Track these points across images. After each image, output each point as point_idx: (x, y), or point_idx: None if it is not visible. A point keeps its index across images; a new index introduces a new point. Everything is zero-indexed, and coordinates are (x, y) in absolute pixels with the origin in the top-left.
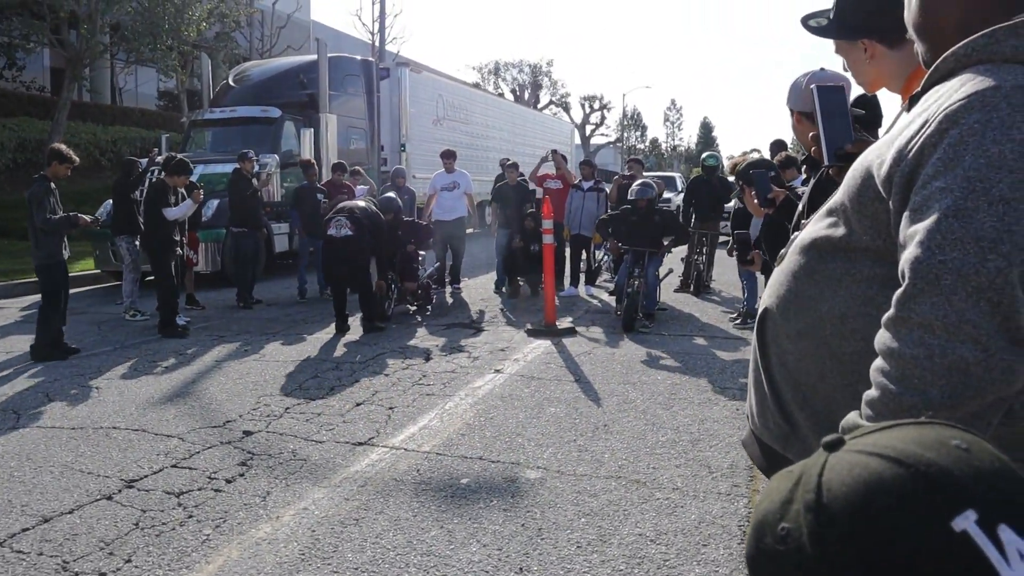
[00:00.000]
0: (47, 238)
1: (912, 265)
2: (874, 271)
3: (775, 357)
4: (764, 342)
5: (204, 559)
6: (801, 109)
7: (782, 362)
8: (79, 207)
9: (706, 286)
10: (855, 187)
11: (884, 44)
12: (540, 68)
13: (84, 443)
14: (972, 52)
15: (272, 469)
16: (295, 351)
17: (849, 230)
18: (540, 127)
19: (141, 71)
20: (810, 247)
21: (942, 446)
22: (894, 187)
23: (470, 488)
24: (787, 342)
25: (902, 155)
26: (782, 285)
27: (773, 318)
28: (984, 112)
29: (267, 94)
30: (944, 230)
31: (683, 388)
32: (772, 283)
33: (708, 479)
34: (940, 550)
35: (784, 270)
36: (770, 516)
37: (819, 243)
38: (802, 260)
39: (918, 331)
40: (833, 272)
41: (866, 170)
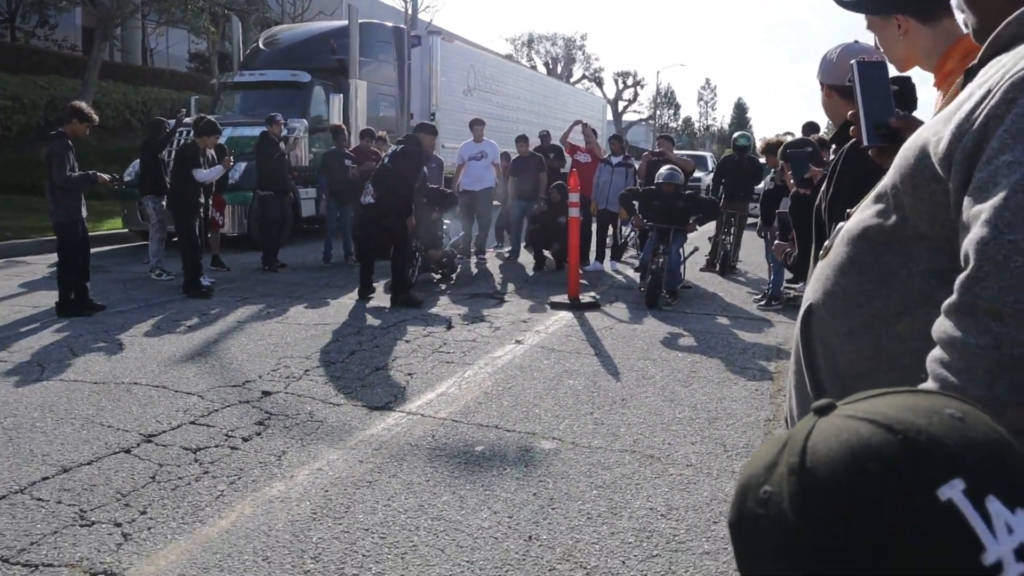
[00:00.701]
0: (66, 196)
1: (977, 246)
2: (933, 263)
3: (822, 358)
4: (809, 341)
5: (217, 514)
6: (832, 83)
7: (830, 363)
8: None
9: (732, 266)
10: (908, 168)
11: (918, 19)
12: (574, 42)
13: (105, 397)
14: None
15: (288, 429)
16: (317, 315)
17: (902, 217)
18: (572, 101)
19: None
20: (859, 237)
21: (935, 414)
22: (954, 165)
23: (484, 456)
24: (836, 341)
25: (963, 129)
26: (828, 279)
27: (819, 315)
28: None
29: (297, 58)
30: (1014, 207)
31: (703, 366)
32: (817, 277)
33: (723, 457)
34: (924, 519)
35: (830, 263)
36: (753, 479)
37: (869, 233)
38: (851, 252)
39: (984, 318)
40: (887, 265)
41: (920, 149)
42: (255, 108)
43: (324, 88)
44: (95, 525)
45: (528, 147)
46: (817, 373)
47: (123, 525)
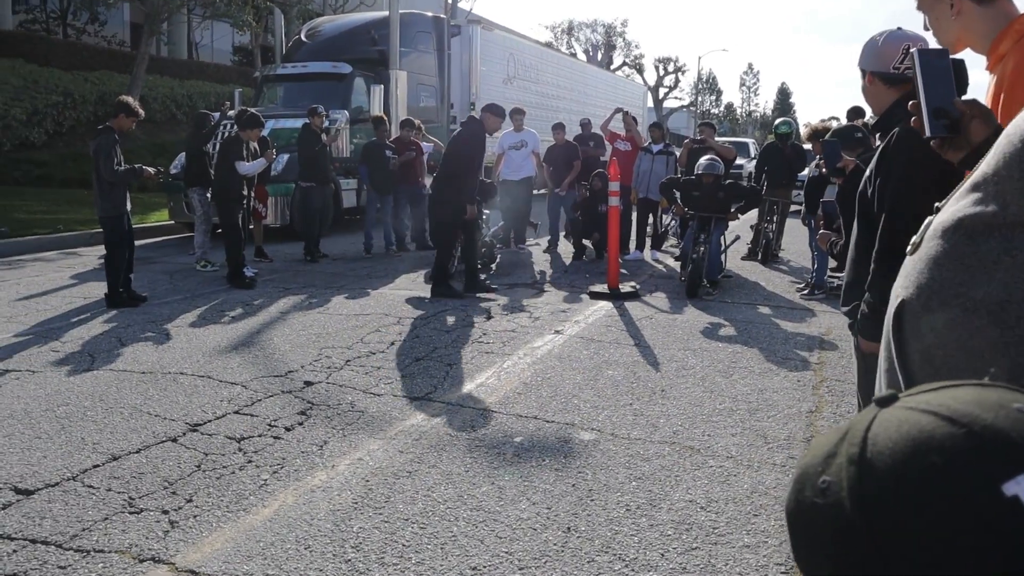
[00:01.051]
0: (112, 189)
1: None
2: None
3: (917, 354)
4: (902, 339)
5: (261, 503)
6: (875, 69)
7: (927, 359)
8: (155, 160)
9: (774, 255)
10: (1014, 153)
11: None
12: (614, 28)
13: (153, 387)
14: None
15: (330, 419)
16: (358, 305)
17: (1003, 204)
18: (612, 88)
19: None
20: (954, 229)
21: (1001, 408)
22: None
23: (523, 446)
24: (932, 336)
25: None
26: (921, 273)
27: (912, 310)
28: None
29: (338, 50)
30: None
31: (744, 357)
32: (907, 272)
33: (764, 449)
34: (987, 514)
35: (922, 257)
36: (812, 469)
37: (967, 223)
38: (946, 244)
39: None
40: (987, 253)
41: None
42: (297, 100)
43: (365, 79)
44: (143, 512)
45: (564, 135)
46: (911, 371)
47: (170, 512)
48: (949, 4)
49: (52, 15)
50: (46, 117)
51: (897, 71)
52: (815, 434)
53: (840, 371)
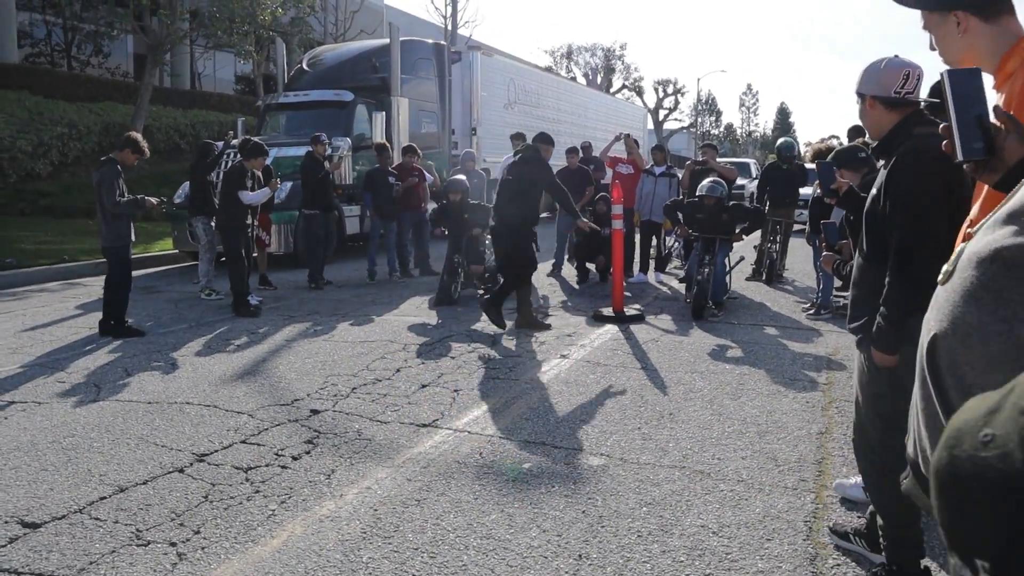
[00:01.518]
0: (116, 220)
1: None
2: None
3: (954, 391)
4: (939, 375)
5: (269, 533)
6: (876, 94)
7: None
8: (159, 189)
9: (779, 275)
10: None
11: (980, 16)
12: (613, 51)
13: (159, 417)
14: None
15: (337, 448)
16: (363, 332)
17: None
18: (612, 111)
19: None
20: (991, 260)
21: None
22: None
23: (532, 473)
24: (972, 373)
25: None
26: (956, 307)
27: (949, 346)
28: None
29: (340, 78)
30: None
31: (751, 378)
32: (939, 304)
33: (775, 472)
34: None
35: (956, 289)
36: (969, 425)
37: (1004, 254)
38: (982, 276)
39: None
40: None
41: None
42: (300, 128)
43: (367, 106)
44: (151, 545)
45: (577, 159)
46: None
47: (178, 545)
48: (956, 22)
49: (56, 48)
50: (51, 148)
51: (898, 96)
52: (826, 456)
53: (849, 391)
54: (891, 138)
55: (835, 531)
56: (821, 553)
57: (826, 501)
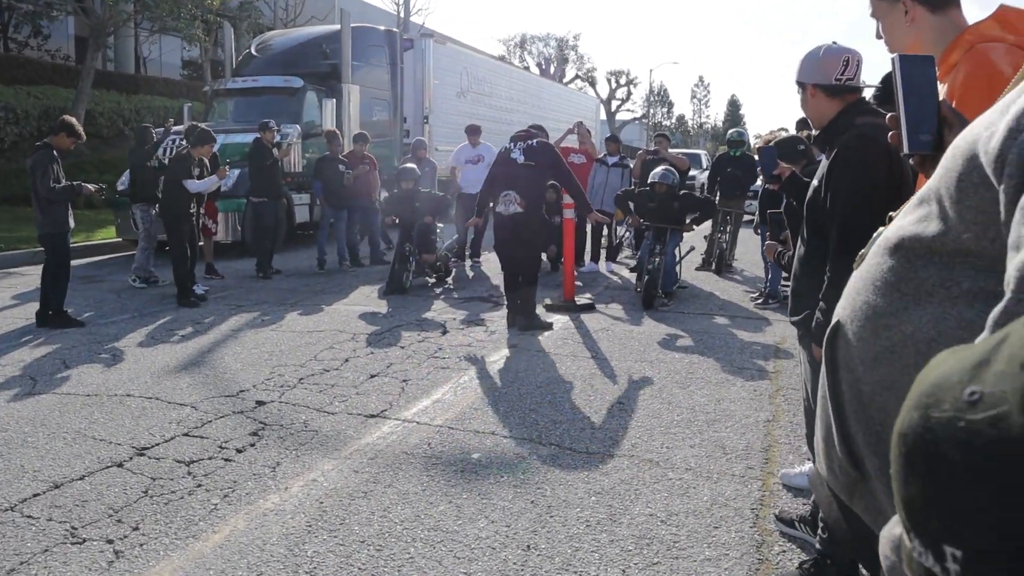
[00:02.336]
0: (52, 207)
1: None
2: (977, 284)
3: (847, 385)
4: (835, 365)
5: (211, 528)
6: (816, 81)
7: (854, 393)
8: (102, 176)
9: (728, 265)
10: (955, 169)
11: (926, 7)
12: (567, 42)
13: (98, 410)
14: None
15: (283, 440)
16: (312, 322)
17: (945, 227)
18: (565, 102)
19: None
20: (895, 248)
21: None
22: (1008, 167)
23: (481, 463)
24: (862, 368)
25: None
26: (859, 294)
27: (846, 336)
28: None
29: (290, 64)
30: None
31: (700, 367)
32: (848, 290)
33: (722, 460)
34: None
35: (863, 276)
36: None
37: (907, 243)
38: (885, 264)
39: None
40: (924, 282)
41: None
42: (248, 114)
43: (317, 93)
44: (86, 543)
45: None
46: (841, 401)
47: (115, 542)
48: (904, 11)
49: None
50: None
51: (839, 82)
52: (773, 444)
53: (796, 379)
54: (833, 127)
55: (781, 518)
56: (767, 540)
57: (773, 488)
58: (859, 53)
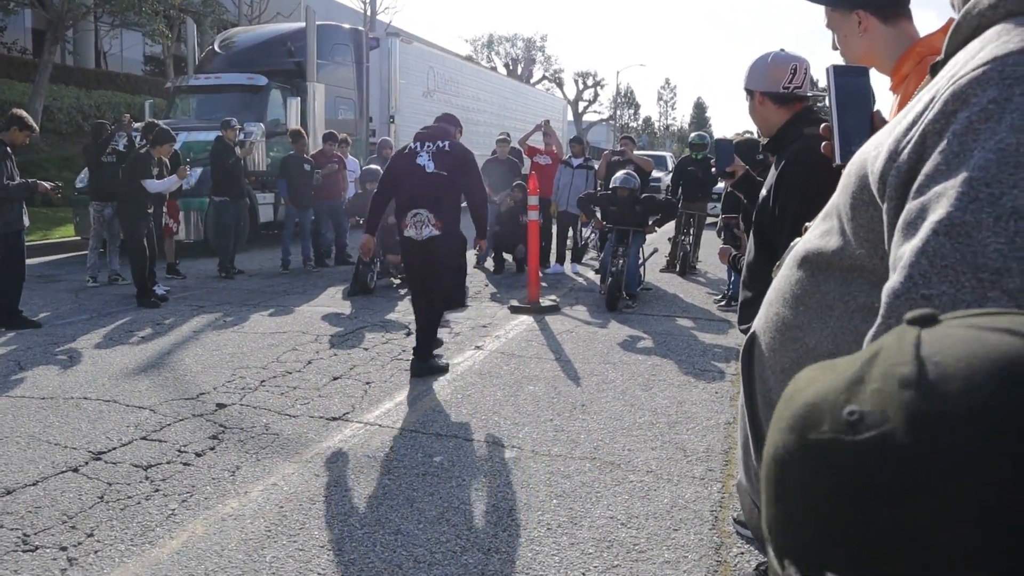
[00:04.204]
0: (5, 205)
1: (889, 298)
2: (871, 298)
3: (760, 396)
4: (750, 375)
5: (168, 534)
6: (765, 89)
7: (767, 403)
8: (60, 173)
9: (692, 267)
10: (850, 187)
11: (879, 17)
12: (534, 43)
13: (53, 413)
14: (999, 2)
15: (243, 443)
16: (275, 323)
17: (843, 242)
18: (532, 102)
19: (127, 34)
20: (803, 261)
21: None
22: (888, 189)
23: (443, 466)
24: (773, 379)
25: (899, 146)
26: (771, 305)
27: (760, 347)
28: (1003, 87)
29: (254, 61)
30: (932, 253)
31: (663, 369)
32: (764, 301)
33: (683, 462)
34: None
35: (776, 287)
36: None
37: (812, 257)
38: (794, 277)
39: None
40: (826, 296)
41: (862, 166)
42: (211, 112)
43: (281, 91)
44: (39, 550)
45: (507, 149)
46: (756, 411)
47: (69, 549)
48: (857, 21)
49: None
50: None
51: (787, 90)
52: (733, 446)
53: None
54: (781, 136)
55: (739, 521)
56: (726, 542)
57: (732, 491)
58: (807, 61)
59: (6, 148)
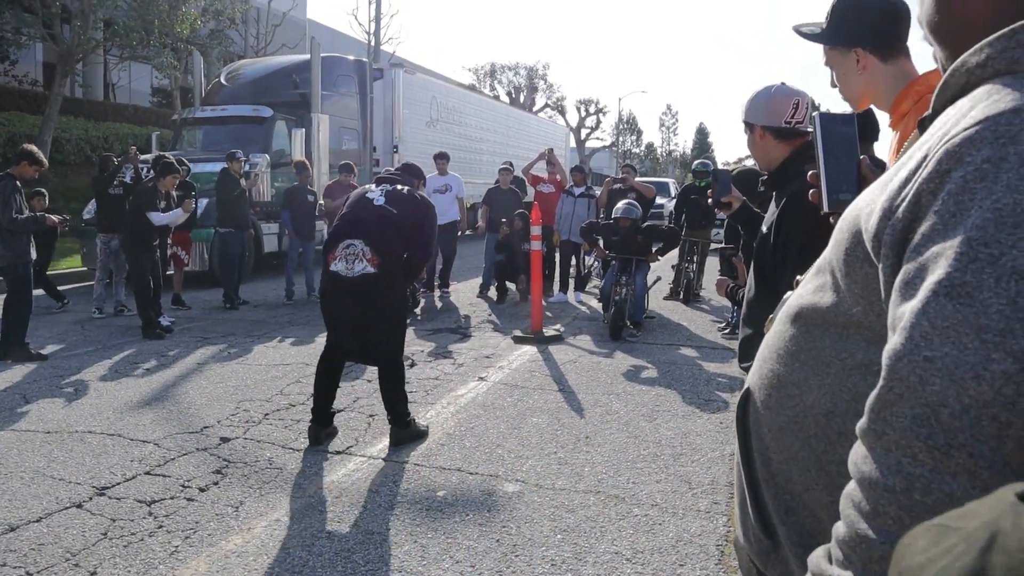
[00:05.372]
0: (13, 238)
1: (891, 360)
2: (868, 356)
3: (757, 453)
4: (746, 432)
5: (171, 571)
6: (766, 124)
7: (764, 461)
8: (68, 204)
9: (696, 294)
10: (843, 243)
11: (877, 56)
12: (536, 71)
13: (58, 448)
14: (988, 61)
15: (247, 478)
16: (279, 354)
17: (838, 298)
18: (535, 130)
19: (135, 67)
20: (797, 316)
21: None
22: (884, 247)
23: (446, 501)
24: (769, 437)
25: (894, 204)
26: (766, 362)
27: (755, 403)
28: (997, 146)
29: (259, 93)
30: (933, 314)
31: (667, 400)
32: (758, 356)
33: (688, 495)
34: None
35: (769, 343)
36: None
37: (806, 312)
38: (788, 332)
39: (896, 453)
40: (821, 352)
41: (854, 222)
42: (217, 143)
43: (286, 122)
44: None
45: (509, 179)
46: (752, 469)
47: None
48: (855, 59)
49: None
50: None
51: (788, 125)
52: None
53: None
54: (782, 172)
55: None
56: None
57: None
58: (808, 95)
59: (15, 182)
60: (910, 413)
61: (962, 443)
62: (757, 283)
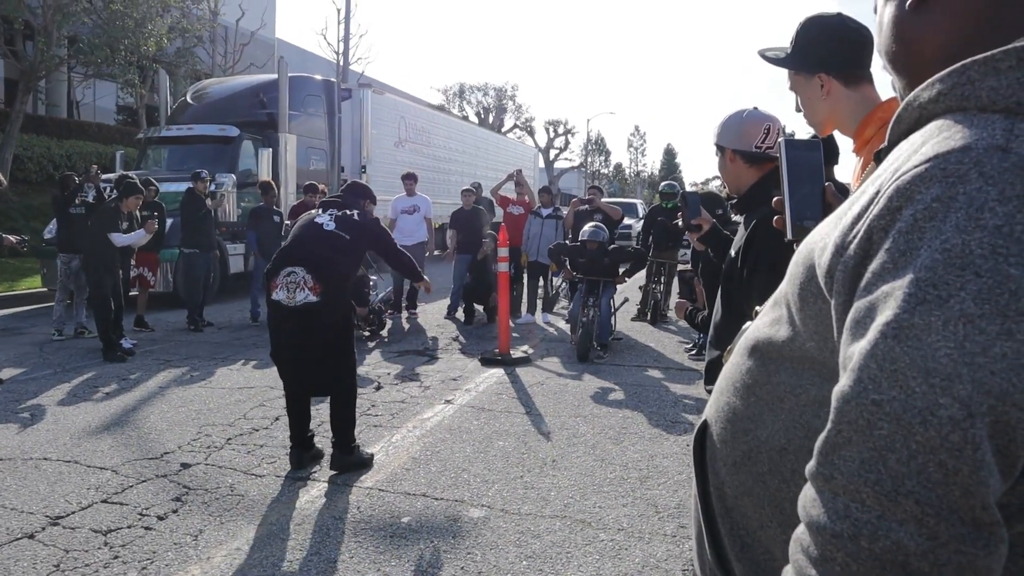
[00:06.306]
0: None
1: (839, 402)
2: (822, 392)
3: (713, 487)
4: (702, 466)
5: None
6: (737, 147)
7: (720, 496)
8: (29, 223)
9: (663, 315)
10: (798, 276)
11: (841, 81)
12: (505, 92)
13: (11, 476)
14: (939, 96)
15: (207, 505)
16: (243, 377)
17: (793, 332)
18: (504, 151)
19: (100, 85)
20: (753, 350)
21: None
22: (836, 284)
23: (411, 527)
24: (724, 471)
25: (846, 240)
26: (722, 394)
27: (711, 436)
28: (947, 185)
29: (226, 112)
30: (881, 356)
31: (634, 422)
32: (716, 387)
33: (655, 519)
34: None
35: (726, 375)
36: None
37: (762, 346)
38: (744, 365)
39: (844, 497)
40: (776, 387)
41: (808, 256)
42: (183, 163)
43: (253, 142)
44: None
45: (472, 200)
46: (709, 503)
47: None
48: (819, 84)
49: None
50: None
51: (759, 150)
52: None
53: None
54: (751, 197)
55: None
56: None
57: None
58: (779, 120)
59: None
60: (858, 457)
61: (909, 490)
62: (724, 306)
